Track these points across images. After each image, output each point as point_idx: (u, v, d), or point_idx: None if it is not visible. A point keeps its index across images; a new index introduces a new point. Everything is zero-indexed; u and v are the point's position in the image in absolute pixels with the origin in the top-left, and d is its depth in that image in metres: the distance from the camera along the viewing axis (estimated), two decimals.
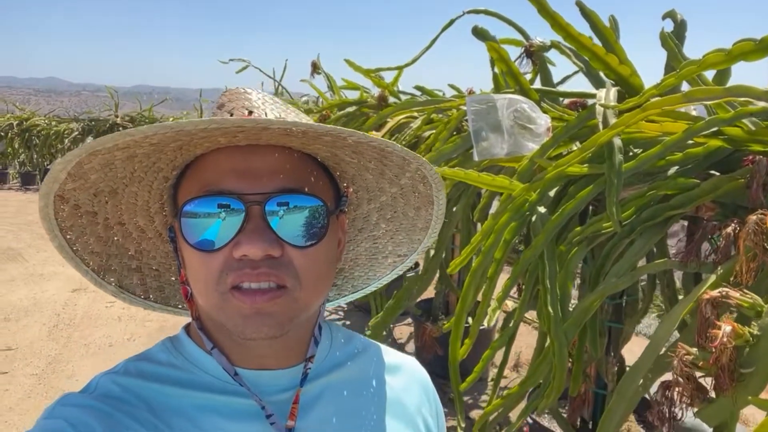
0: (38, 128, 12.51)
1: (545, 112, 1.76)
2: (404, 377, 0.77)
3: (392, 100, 3.02)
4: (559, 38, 1.65)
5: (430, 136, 2.34)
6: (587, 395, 2.22)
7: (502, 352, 1.79)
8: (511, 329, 1.53)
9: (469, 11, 1.93)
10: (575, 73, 2.28)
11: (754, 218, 0.94)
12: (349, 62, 3.08)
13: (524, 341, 3.93)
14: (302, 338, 0.68)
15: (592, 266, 1.39)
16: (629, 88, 1.59)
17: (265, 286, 0.57)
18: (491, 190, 1.60)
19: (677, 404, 0.95)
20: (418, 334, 3.67)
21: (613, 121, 1.34)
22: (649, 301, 1.90)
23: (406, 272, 0.88)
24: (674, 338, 1.15)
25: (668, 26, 1.64)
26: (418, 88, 2.95)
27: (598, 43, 1.59)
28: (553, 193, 1.46)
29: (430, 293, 4.18)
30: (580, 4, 1.60)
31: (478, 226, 2.37)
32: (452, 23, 2.07)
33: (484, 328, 1.60)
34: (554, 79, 2.03)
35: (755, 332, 0.89)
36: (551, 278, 1.31)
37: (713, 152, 1.27)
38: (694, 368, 0.91)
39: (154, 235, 0.71)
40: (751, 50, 1.14)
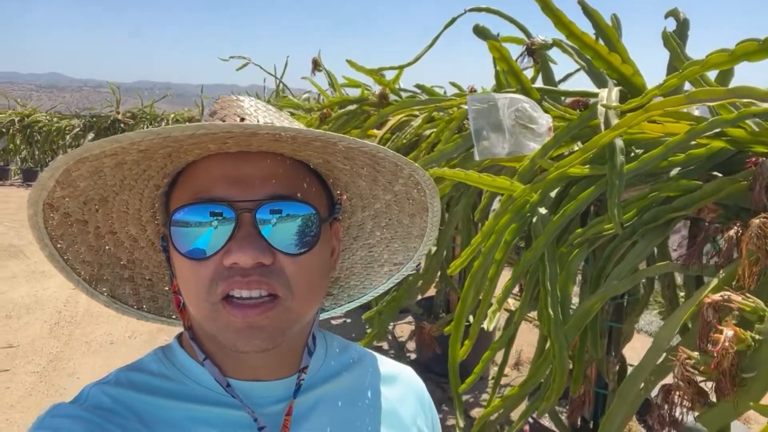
0: (40, 124, 12.51)
1: (547, 111, 1.75)
2: (400, 388, 0.77)
3: (393, 98, 3.00)
4: (561, 36, 1.64)
5: (431, 134, 2.33)
6: (588, 395, 2.21)
7: (502, 350, 1.78)
8: (510, 330, 1.52)
9: (470, 9, 1.92)
10: (577, 71, 2.27)
11: (757, 222, 0.93)
12: (350, 63, 3.07)
13: (525, 339, 3.92)
14: (296, 349, 0.68)
15: (593, 268, 1.38)
16: (631, 87, 1.58)
17: (256, 294, 0.56)
18: (492, 191, 1.59)
19: (678, 408, 0.95)
20: (418, 332, 3.67)
21: (615, 121, 1.33)
22: (646, 301, 1.89)
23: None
24: (676, 340, 1.14)
25: (671, 25, 1.63)
26: (419, 86, 2.93)
27: (600, 41, 1.58)
28: (554, 193, 1.45)
29: (430, 291, 4.17)
30: (582, 3, 1.59)
31: (479, 225, 2.37)
32: (454, 21, 2.06)
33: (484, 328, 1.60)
34: (556, 76, 2.02)
35: (757, 337, 0.89)
36: (552, 280, 1.30)
37: (716, 153, 1.25)
38: (695, 372, 0.90)
39: (146, 244, 0.71)
40: (754, 50, 1.14)
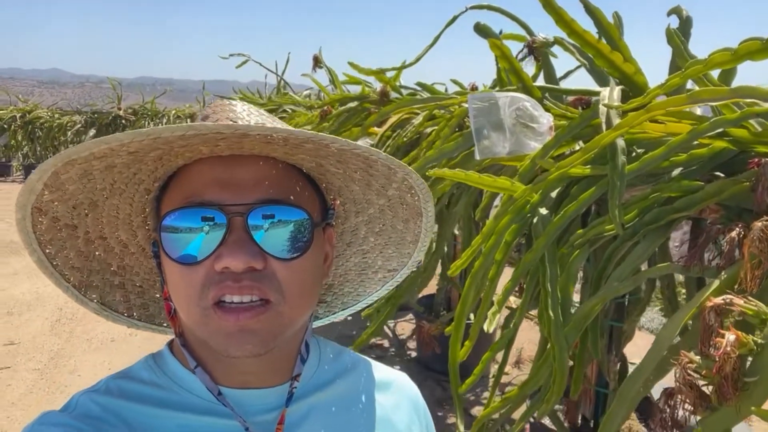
0: (41, 121, 12.52)
1: (548, 109, 1.73)
2: (394, 395, 0.76)
3: (394, 95, 2.99)
4: (562, 34, 1.62)
5: (432, 132, 2.32)
6: (588, 393, 2.21)
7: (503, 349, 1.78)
8: (510, 332, 1.51)
9: (471, 7, 1.90)
10: (578, 68, 2.25)
11: (759, 225, 0.92)
12: (352, 65, 3.06)
13: (526, 337, 3.90)
14: (288, 355, 0.67)
15: (593, 269, 1.37)
16: (633, 86, 1.56)
17: (247, 299, 0.56)
18: (492, 191, 1.58)
19: (680, 411, 0.94)
20: (418, 331, 3.66)
21: (616, 121, 1.32)
22: (647, 300, 1.88)
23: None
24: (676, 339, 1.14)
25: (674, 22, 1.61)
26: (420, 84, 2.92)
27: (602, 40, 1.57)
28: (554, 194, 1.44)
29: (432, 289, 4.16)
30: (584, 0, 1.57)
31: (480, 224, 2.36)
32: (455, 20, 2.04)
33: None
34: (557, 73, 2.00)
35: (759, 341, 0.88)
36: (552, 281, 1.29)
37: (718, 153, 1.24)
38: (696, 376, 0.90)
39: (137, 250, 0.70)
40: (757, 49, 1.12)
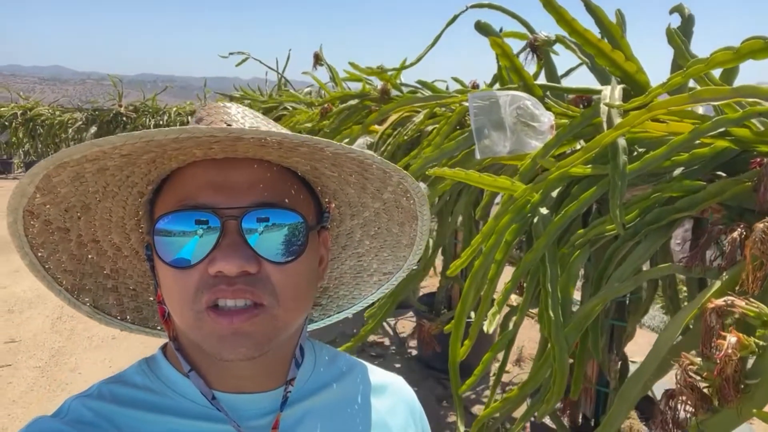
0: (42, 118, 12.51)
1: (549, 108, 1.73)
2: (390, 398, 0.76)
3: (395, 93, 2.99)
4: (564, 33, 1.62)
5: (433, 130, 2.31)
6: (589, 392, 2.21)
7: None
8: (511, 332, 1.51)
9: (472, 6, 1.89)
10: (579, 65, 2.24)
11: (761, 226, 0.91)
12: (352, 65, 3.06)
13: (526, 335, 3.90)
14: (283, 359, 0.66)
15: (594, 269, 1.37)
16: (635, 85, 1.56)
17: (241, 304, 0.55)
18: (493, 191, 1.58)
19: (680, 413, 0.93)
20: (419, 329, 3.66)
21: (617, 120, 1.31)
22: (649, 302, 1.88)
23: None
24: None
25: (675, 21, 1.60)
26: (420, 82, 2.91)
27: (603, 38, 1.56)
28: (555, 193, 1.43)
29: (433, 287, 4.16)
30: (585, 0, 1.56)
31: (480, 223, 2.35)
32: (455, 19, 2.03)
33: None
34: (558, 70, 1.99)
35: (761, 343, 0.87)
36: (552, 282, 1.28)
37: (720, 153, 1.24)
38: (697, 378, 0.89)
39: (130, 253, 0.69)
40: (760, 48, 1.12)
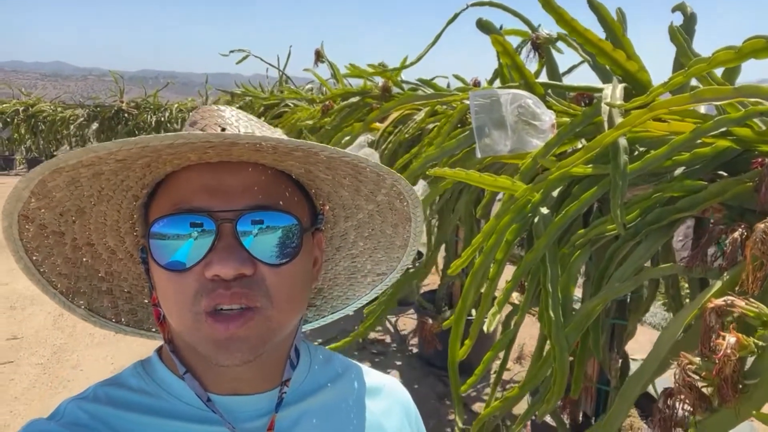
0: (44, 114, 12.51)
1: (550, 106, 1.72)
2: (385, 400, 0.76)
3: (396, 90, 2.98)
4: (565, 32, 1.61)
5: (434, 128, 2.31)
6: (590, 391, 2.21)
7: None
8: (512, 331, 1.51)
9: (473, 4, 1.89)
10: (581, 63, 2.24)
11: (762, 227, 0.91)
12: (353, 66, 3.07)
13: (527, 332, 3.90)
14: (278, 361, 0.66)
15: (595, 268, 1.36)
16: (636, 84, 1.55)
17: (236, 307, 0.56)
18: (493, 190, 1.58)
19: (679, 412, 0.94)
20: (420, 327, 3.66)
21: (618, 120, 1.31)
22: (651, 300, 1.88)
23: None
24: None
25: (677, 19, 1.60)
26: (421, 80, 2.91)
27: (604, 36, 1.55)
28: (556, 193, 1.43)
29: (434, 284, 4.16)
30: None
31: (481, 222, 2.35)
32: (456, 18, 2.03)
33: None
34: (560, 67, 1.99)
35: (760, 343, 0.87)
36: (553, 282, 1.28)
37: (721, 153, 1.23)
38: (696, 378, 0.89)
39: (125, 256, 0.69)
40: (762, 48, 1.11)
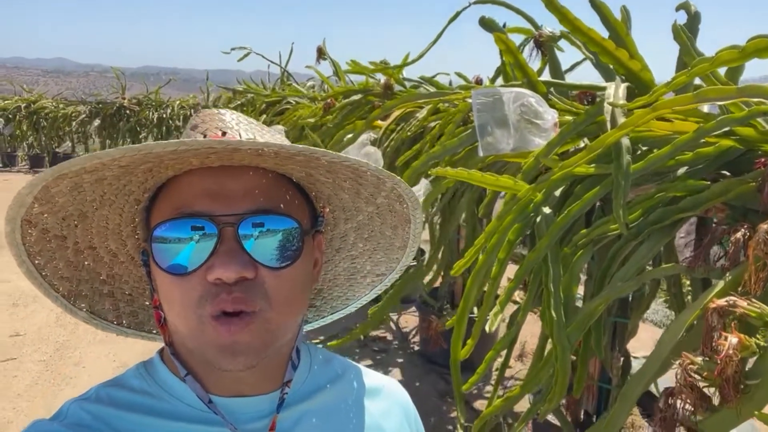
0: (46, 111, 12.53)
1: (553, 105, 1.72)
2: (384, 401, 0.76)
3: (398, 88, 2.98)
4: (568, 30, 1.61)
5: (436, 126, 2.31)
6: (591, 389, 2.21)
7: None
8: (513, 330, 1.51)
9: (475, 2, 1.88)
10: (583, 60, 2.23)
11: (764, 227, 0.91)
12: (353, 63, 3.06)
13: (529, 330, 3.88)
14: (279, 362, 0.67)
15: (597, 268, 1.37)
16: (639, 83, 1.55)
17: (237, 310, 0.56)
18: (495, 190, 1.58)
19: (680, 412, 0.94)
20: (423, 323, 3.67)
21: (621, 120, 1.30)
22: (652, 296, 1.88)
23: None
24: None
25: (681, 18, 1.59)
26: (423, 78, 2.91)
27: (607, 35, 1.55)
28: (558, 192, 1.43)
29: (436, 282, 4.15)
30: None
31: (484, 221, 2.35)
32: (458, 16, 2.03)
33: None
34: (563, 65, 1.98)
35: (762, 344, 0.87)
36: (555, 282, 1.28)
37: (724, 152, 1.23)
38: (698, 378, 0.89)
39: (126, 259, 0.70)
40: (765, 47, 1.11)
